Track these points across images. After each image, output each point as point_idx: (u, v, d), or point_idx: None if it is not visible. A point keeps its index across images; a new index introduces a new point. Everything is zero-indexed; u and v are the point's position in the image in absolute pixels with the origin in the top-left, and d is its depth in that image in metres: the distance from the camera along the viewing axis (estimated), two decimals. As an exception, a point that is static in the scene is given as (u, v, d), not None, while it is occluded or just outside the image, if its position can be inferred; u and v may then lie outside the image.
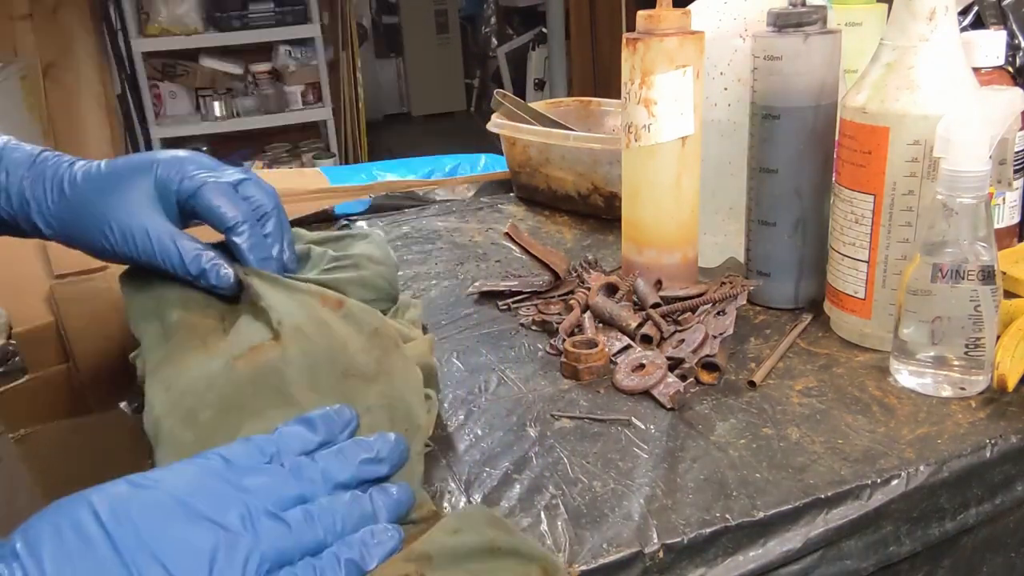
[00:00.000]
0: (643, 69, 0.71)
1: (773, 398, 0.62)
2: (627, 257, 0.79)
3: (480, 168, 1.45)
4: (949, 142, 0.58)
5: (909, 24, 0.63)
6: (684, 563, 0.48)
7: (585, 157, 1.01)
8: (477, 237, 1.00)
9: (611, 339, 0.69)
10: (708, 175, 0.80)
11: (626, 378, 0.64)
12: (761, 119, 0.72)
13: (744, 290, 0.71)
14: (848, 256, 0.68)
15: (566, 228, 1.03)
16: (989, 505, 0.57)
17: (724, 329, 0.66)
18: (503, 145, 1.13)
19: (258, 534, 0.39)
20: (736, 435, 0.58)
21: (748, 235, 0.78)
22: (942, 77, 0.62)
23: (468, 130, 5.34)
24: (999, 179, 0.67)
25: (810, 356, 0.69)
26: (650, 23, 0.71)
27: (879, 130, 0.63)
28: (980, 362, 0.60)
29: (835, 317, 0.72)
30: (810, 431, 0.58)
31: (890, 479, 0.53)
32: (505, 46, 5.44)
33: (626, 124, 0.75)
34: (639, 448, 0.57)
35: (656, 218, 0.76)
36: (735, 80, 0.79)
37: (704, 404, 0.62)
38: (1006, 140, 0.66)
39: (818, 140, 0.72)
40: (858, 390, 0.63)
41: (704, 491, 0.52)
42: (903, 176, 0.63)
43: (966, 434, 0.57)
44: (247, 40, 3.79)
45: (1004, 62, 0.78)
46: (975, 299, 0.59)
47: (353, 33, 4.20)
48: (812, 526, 0.51)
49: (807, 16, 0.69)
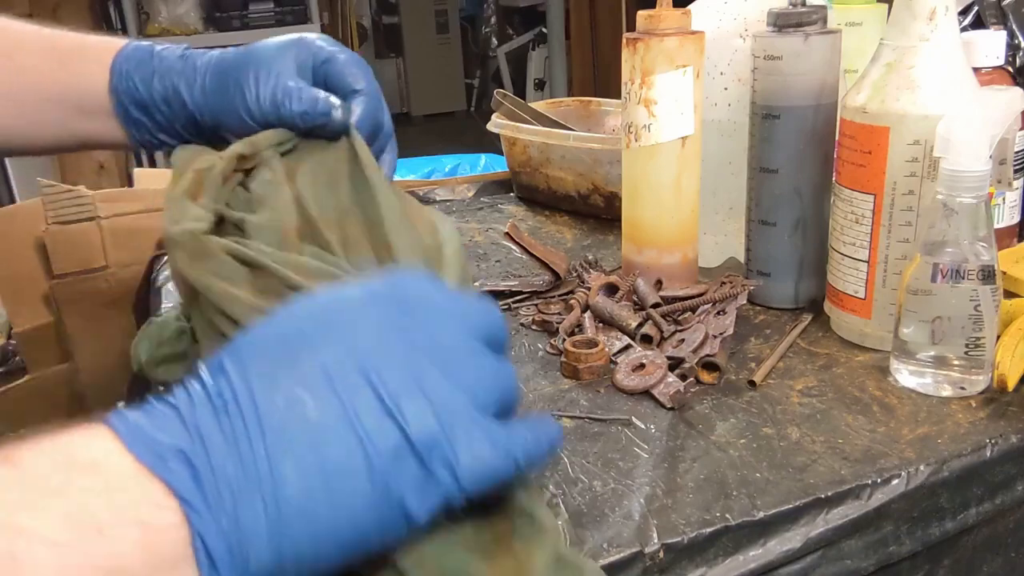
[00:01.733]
0: (643, 69, 0.71)
1: (773, 398, 0.62)
2: (627, 257, 0.79)
3: (480, 168, 1.45)
4: (949, 142, 0.58)
5: (909, 24, 0.63)
6: (684, 563, 0.48)
7: (585, 157, 1.01)
8: (477, 237, 1.00)
9: (611, 339, 0.69)
10: (708, 175, 0.80)
11: (626, 378, 0.64)
12: (761, 119, 0.72)
13: (744, 290, 0.71)
14: (848, 256, 0.68)
15: (566, 228, 1.03)
16: (989, 505, 0.57)
17: (724, 329, 0.66)
18: (503, 145, 1.13)
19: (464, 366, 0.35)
20: (736, 435, 0.58)
21: (748, 235, 0.78)
22: (942, 77, 0.62)
23: (468, 130, 5.34)
24: (999, 179, 0.67)
25: (810, 356, 0.69)
26: (650, 23, 0.71)
27: (879, 130, 0.63)
28: (980, 362, 0.60)
29: (835, 317, 0.72)
30: (810, 431, 0.58)
31: (890, 479, 0.53)
32: (505, 46, 5.44)
33: (626, 124, 0.75)
34: (639, 448, 0.57)
35: (656, 218, 0.76)
36: (735, 80, 0.79)
37: (704, 404, 0.62)
38: (1006, 140, 0.67)
39: (818, 140, 0.72)
40: (858, 390, 0.63)
41: (704, 491, 0.52)
42: (903, 176, 0.63)
43: (966, 434, 0.57)
44: (247, 40, 3.73)
45: (1004, 62, 0.78)
46: (975, 299, 0.59)
47: (353, 33, 4.21)
48: (812, 526, 0.51)
49: (807, 16, 0.69)
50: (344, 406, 0.32)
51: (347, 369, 0.32)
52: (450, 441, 0.32)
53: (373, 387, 0.32)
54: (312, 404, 0.31)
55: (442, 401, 0.33)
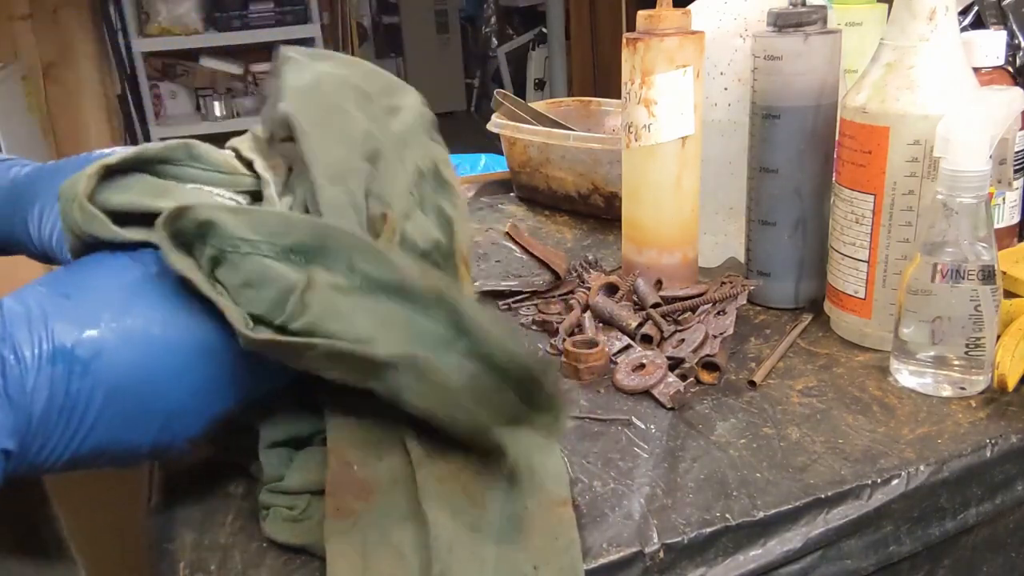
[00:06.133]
0: (643, 69, 0.71)
1: (773, 398, 0.62)
2: (627, 257, 0.79)
3: (480, 168, 1.45)
4: (949, 142, 0.58)
5: (909, 24, 0.63)
6: (684, 563, 0.48)
7: (585, 157, 1.01)
8: (477, 237, 1.00)
9: (611, 339, 0.69)
10: (708, 175, 0.80)
11: (626, 378, 0.64)
12: (761, 119, 0.72)
13: (744, 290, 0.71)
14: (848, 256, 0.68)
15: (566, 228, 1.03)
16: (989, 505, 0.57)
17: (724, 329, 0.66)
18: (503, 145, 1.13)
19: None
20: (736, 435, 0.58)
21: (748, 235, 0.78)
22: (942, 77, 0.62)
23: (468, 130, 5.33)
24: (999, 179, 0.67)
25: (810, 356, 0.69)
26: (650, 23, 0.71)
27: (879, 130, 0.63)
28: (980, 362, 0.60)
29: (835, 317, 0.72)
30: (810, 431, 0.58)
31: (890, 479, 0.53)
32: (505, 46, 5.44)
33: (626, 124, 0.75)
34: (639, 448, 0.57)
35: (656, 218, 0.76)
36: (735, 80, 0.79)
37: (704, 404, 0.62)
38: (1006, 140, 0.67)
39: (818, 140, 0.72)
40: (858, 390, 0.63)
41: (704, 491, 0.52)
42: (903, 176, 0.63)
43: (966, 434, 0.57)
44: (247, 40, 3.78)
45: (1004, 62, 0.78)
46: (975, 299, 0.59)
47: (353, 33, 4.20)
48: (812, 526, 0.51)
49: (807, 16, 0.69)
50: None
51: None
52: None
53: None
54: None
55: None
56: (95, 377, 0.40)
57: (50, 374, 0.39)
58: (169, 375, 0.43)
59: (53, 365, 0.39)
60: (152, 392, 0.42)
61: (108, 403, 0.41)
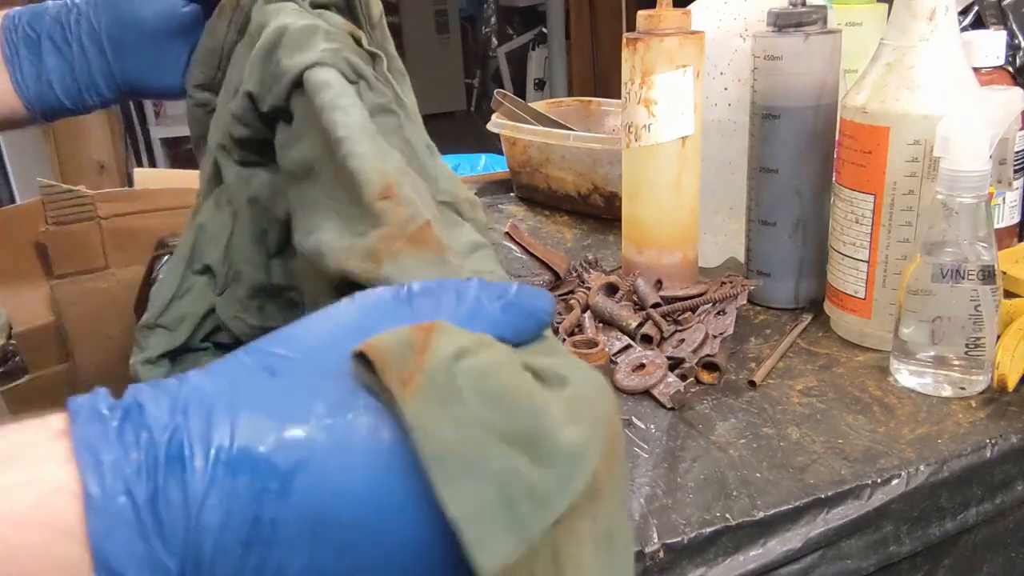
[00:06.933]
0: (643, 69, 0.71)
1: (773, 398, 0.62)
2: (627, 257, 0.79)
3: (480, 168, 1.45)
4: (949, 142, 0.58)
5: (909, 24, 0.63)
6: (684, 563, 0.48)
7: (585, 157, 1.01)
8: (477, 237, 1.00)
9: (611, 339, 0.69)
10: (708, 175, 0.80)
11: (626, 378, 0.64)
12: (761, 119, 0.72)
13: (744, 290, 0.71)
14: (848, 256, 0.68)
15: (566, 228, 1.03)
16: (989, 505, 0.57)
17: (724, 329, 0.66)
18: (503, 145, 1.13)
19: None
20: (736, 435, 0.58)
21: (748, 235, 0.78)
22: (942, 77, 0.62)
23: (468, 130, 5.33)
24: (999, 179, 0.67)
25: (810, 356, 0.69)
26: (650, 23, 0.71)
27: (879, 130, 0.63)
28: (980, 362, 0.60)
29: (835, 317, 0.72)
30: (810, 431, 0.58)
31: (890, 479, 0.53)
32: (505, 46, 5.44)
33: (626, 124, 0.75)
34: (639, 448, 0.57)
35: (656, 218, 0.76)
36: (735, 80, 0.79)
37: (704, 404, 0.62)
38: (1006, 140, 0.67)
39: (818, 140, 0.72)
40: (858, 390, 0.63)
41: (704, 491, 0.52)
42: (903, 176, 0.63)
43: (966, 434, 0.57)
44: (247, 40, 3.78)
45: (1004, 62, 0.78)
46: (975, 299, 0.59)
47: (353, 33, 4.20)
48: (812, 526, 0.51)
49: (807, 16, 0.69)
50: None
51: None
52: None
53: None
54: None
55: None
56: (298, 501, 0.25)
57: (229, 490, 0.24)
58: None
59: (234, 477, 0.24)
60: (385, 531, 0.25)
61: (317, 543, 0.25)
